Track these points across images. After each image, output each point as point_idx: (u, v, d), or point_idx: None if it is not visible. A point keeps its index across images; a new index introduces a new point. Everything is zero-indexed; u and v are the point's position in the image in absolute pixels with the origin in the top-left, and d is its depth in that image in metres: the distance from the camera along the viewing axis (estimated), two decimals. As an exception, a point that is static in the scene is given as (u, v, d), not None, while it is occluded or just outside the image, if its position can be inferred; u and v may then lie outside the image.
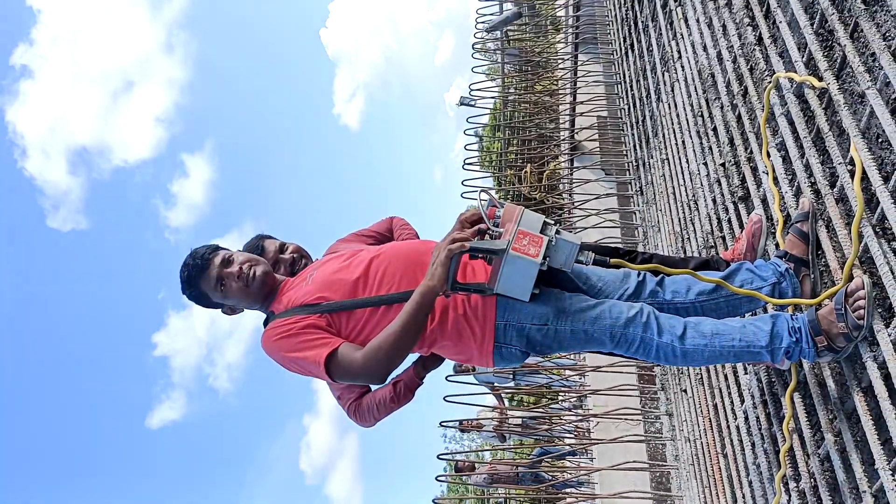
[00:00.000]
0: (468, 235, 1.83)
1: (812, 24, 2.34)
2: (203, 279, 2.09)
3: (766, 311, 2.57)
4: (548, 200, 8.47)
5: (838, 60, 2.17)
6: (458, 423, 6.80)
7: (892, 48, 1.89)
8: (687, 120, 3.91)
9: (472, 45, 8.02)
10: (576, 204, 7.52)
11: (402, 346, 1.82)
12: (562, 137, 9.26)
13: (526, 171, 8.38)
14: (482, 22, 8.23)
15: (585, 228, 6.96)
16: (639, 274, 2.13)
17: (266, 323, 2.06)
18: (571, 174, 8.51)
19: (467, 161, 7.14)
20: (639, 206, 5.92)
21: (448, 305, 1.94)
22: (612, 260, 1.88)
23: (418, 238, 2.89)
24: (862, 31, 2.02)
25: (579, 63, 8.57)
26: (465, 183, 6.67)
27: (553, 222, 1.86)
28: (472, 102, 8.01)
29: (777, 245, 2.47)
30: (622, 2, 6.26)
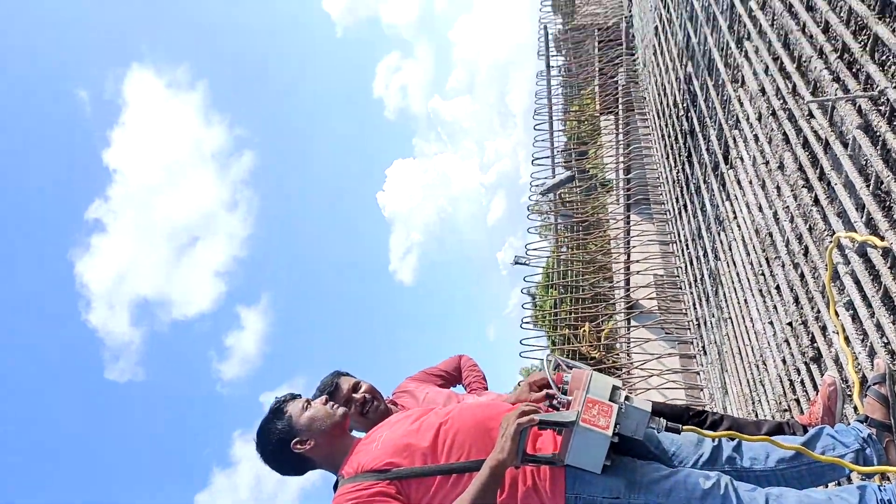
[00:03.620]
0: (537, 407, 1.83)
1: (868, 186, 2.37)
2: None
3: (849, 479, 2.42)
4: (607, 360, 8.34)
5: (900, 220, 2.18)
6: None
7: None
8: (748, 278, 3.89)
9: (527, 206, 8.32)
10: (636, 364, 7.38)
11: None
12: (618, 296, 9.26)
13: (584, 330, 8.33)
14: (536, 185, 8.58)
15: (647, 389, 6.77)
16: (714, 439, 2.05)
17: (336, 487, 2.04)
18: (629, 333, 8.42)
19: (524, 320, 7.18)
20: (702, 366, 5.77)
21: (517, 477, 1.90)
22: (684, 427, 1.83)
23: (484, 380, 2.92)
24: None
25: (632, 223, 8.74)
26: (524, 342, 6.68)
27: (622, 386, 1.83)
28: (527, 262, 8.18)
29: (855, 408, 2.36)
30: (672, 165, 6.46)
